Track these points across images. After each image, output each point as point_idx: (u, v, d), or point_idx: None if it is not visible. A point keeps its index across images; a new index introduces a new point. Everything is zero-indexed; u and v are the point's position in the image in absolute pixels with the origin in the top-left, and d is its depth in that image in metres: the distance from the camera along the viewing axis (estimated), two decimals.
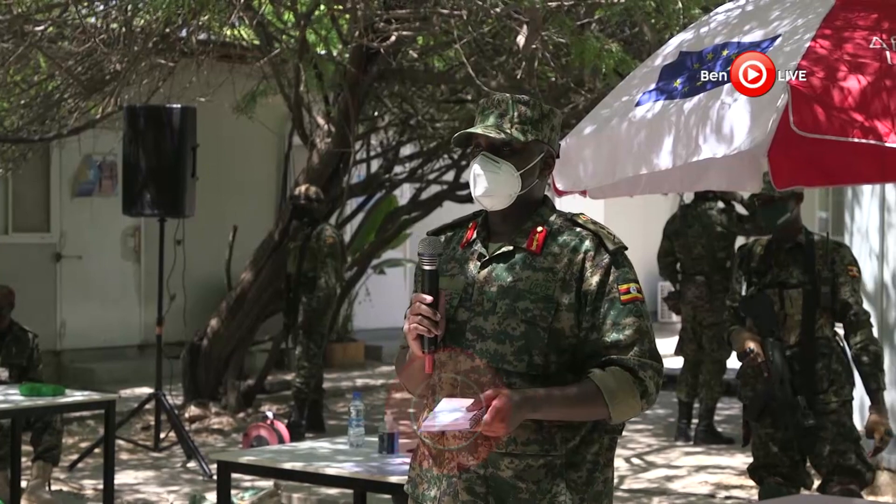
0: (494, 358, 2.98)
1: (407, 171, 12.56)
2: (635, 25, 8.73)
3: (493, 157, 3.03)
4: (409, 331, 2.98)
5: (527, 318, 2.97)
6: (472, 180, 3.04)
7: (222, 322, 10.52)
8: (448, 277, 3.08)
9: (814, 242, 5.72)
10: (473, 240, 3.11)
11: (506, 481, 2.98)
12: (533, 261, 3.02)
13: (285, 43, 10.08)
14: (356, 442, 5.45)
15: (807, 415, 5.59)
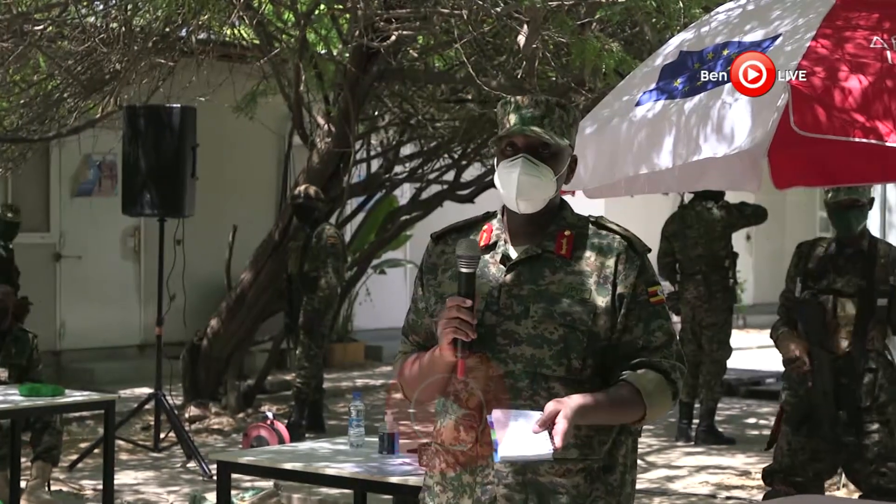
0: (531, 363, 2.95)
1: (407, 171, 12.55)
2: (636, 25, 8.72)
3: (535, 161, 2.98)
4: (445, 333, 2.89)
5: (566, 321, 2.95)
6: (511, 182, 2.97)
7: (222, 322, 10.51)
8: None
9: (877, 250, 5.61)
10: (494, 242, 3.05)
11: (545, 486, 2.95)
12: (564, 264, 3.00)
13: (285, 42, 10.07)
14: (356, 442, 5.44)
15: (847, 430, 5.49)
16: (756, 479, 7.55)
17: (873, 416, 5.49)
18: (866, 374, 5.48)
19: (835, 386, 5.48)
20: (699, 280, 9.41)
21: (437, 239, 3.14)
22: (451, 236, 3.12)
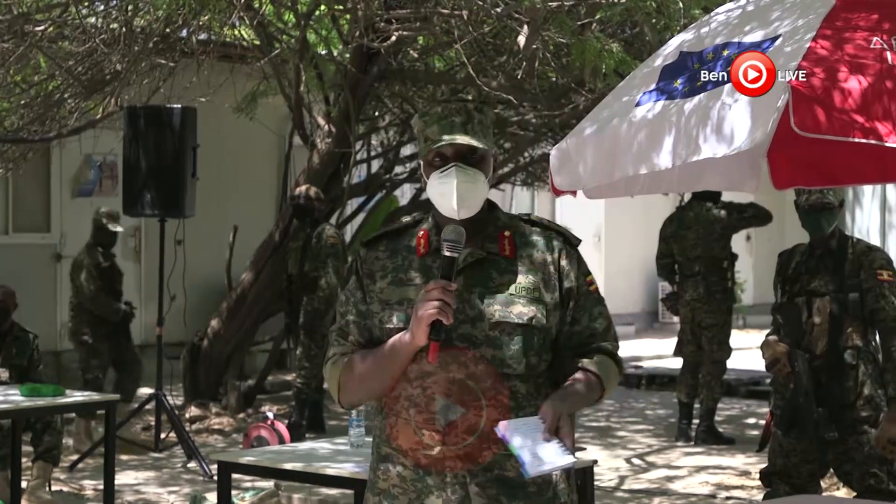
0: (492, 363, 2.99)
1: (407, 172, 12.55)
2: (636, 26, 8.73)
3: (468, 167, 3.04)
4: (427, 315, 2.91)
5: (523, 321, 3.01)
6: (448, 192, 3.03)
7: (223, 322, 10.52)
8: (414, 287, 3.05)
9: (846, 248, 5.64)
10: (434, 249, 3.07)
11: (513, 480, 2.99)
12: (509, 265, 3.06)
13: (286, 43, 10.08)
14: (356, 442, 5.45)
15: (829, 428, 5.51)
16: (756, 479, 7.55)
17: (861, 415, 5.49)
18: (848, 371, 5.50)
19: (816, 385, 5.51)
20: (698, 281, 9.42)
21: (370, 245, 3.16)
22: (383, 242, 3.15)
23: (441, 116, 3.09)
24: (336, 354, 3.13)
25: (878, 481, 5.51)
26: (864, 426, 5.52)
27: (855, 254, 5.58)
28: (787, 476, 5.66)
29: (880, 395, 5.56)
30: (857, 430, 5.52)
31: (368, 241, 3.17)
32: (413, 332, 2.96)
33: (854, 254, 5.58)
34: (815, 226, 5.64)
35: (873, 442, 5.48)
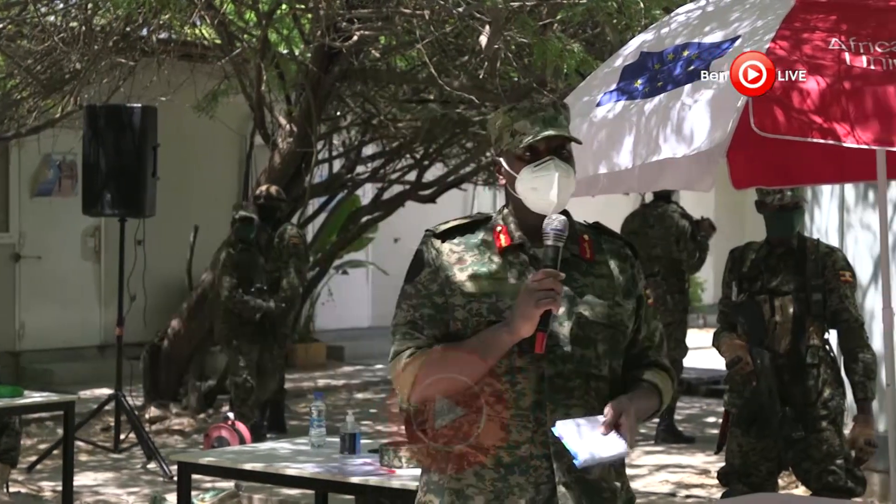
0: (581, 363, 2.98)
1: (369, 171, 12.54)
2: (597, 26, 8.75)
3: (562, 162, 3.02)
4: (540, 304, 2.85)
5: (611, 323, 3.02)
6: (548, 185, 2.99)
7: (183, 322, 10.47)
8: (497, 282, 3.00)
9: (806, 248, 5.67)
10: (516, 244, 3.04)
11: (591, 484, 2.98)
12: (589, 268, 3.05)
13: (247, 42, 10.04)
14: (317, 442, 5.44)
15: (794, 426, 5.55)
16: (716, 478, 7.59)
17: (820, 413, 5.54)
18: (809, 370, 5.54)
19: (778, 384, 5.55)
20: (658, 282, 9.44)
21: (444, 237, 3.07)
22: (456, 234, 3.08)
23: (532, 110, 3.04)
24: (411, 348, 3.01)
25: (836, 479, 5.55)
26: (823, 424, 5.56)
27: (818, 254, 5.62)
28: (745, 475, 5.69)
29: (840, 392, 5.61)
30: (817, 428, 5.56)
31: (441, 232, 3.08)
32: (518, 323, 2.89)
33: (817, 254, 5.62)
34: (786, 225, 5.66)
35: (849, 442, 5.52)
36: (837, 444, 5.56)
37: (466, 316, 2.98)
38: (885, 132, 3.74)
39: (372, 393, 12.42)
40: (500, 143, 3.09)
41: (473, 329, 2.97)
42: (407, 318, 3.04)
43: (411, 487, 4.72)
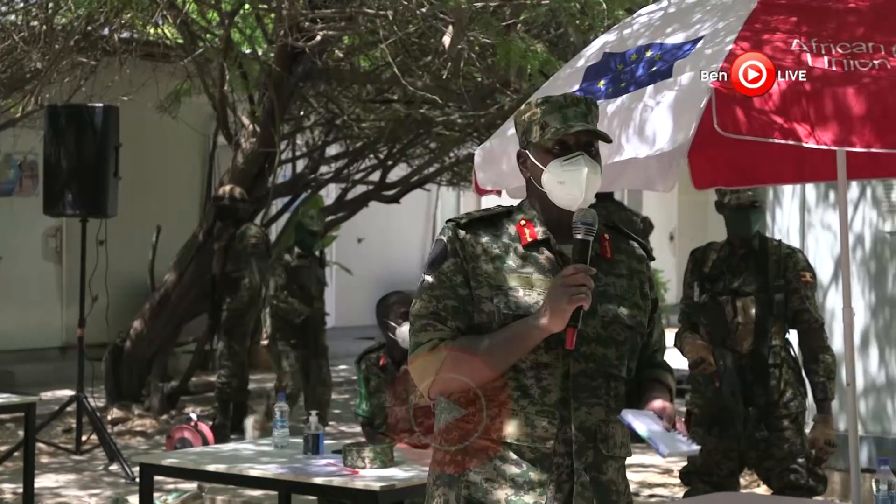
0: (603, 362, 2.96)
1: (333, 171, 12.52)
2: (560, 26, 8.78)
3: (593, 159, 2.99)
4: (573, 300, 2.83)
5: (632, 323, 3.00)
6: (578, 180, 2.95)
7: (145, 323, 10.42)
8: (523, 276, 2.96)
9: (768, 248, 5.71)
10: (542, 239, 3.00)
11: (604, 484, 2.97)
12: (608, 267, 3.02)
13: (209, 42, 10.01)
14: (280, 443, 5.43)
15: (757, 426, 5.58)
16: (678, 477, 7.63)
17: (781, 413, 5.58)
18: (771, 370, 5.58)
19: (741, 384, 5.58)
20: None
21: (468, 228, 3.01)
22: (478, 227, 3.01)
23: (563, 104, 3.00)
24: (434, 339, 2.94)
25: (797, 477, 5.59)
26: (785, 423, 5.60)
27: (779, 255, 5.65)
28: (707, 474, 5.72)
29: (802, 392, 5.65)
30: (779, 427, 5.60)
31: (465, 223, 3.01)
32: (550, 319, 2.85)
33: (778, 255, 5.65)
34: (743, 224, 5.69)
35: (810, 442, 5.56)
36: (799, 443, 5.60)
37: (493, 309, 2.93)
38: (845, 133, 3.77)
39: (335, 393, 12.38)
40: (528, 135, 3.04)
41: (500, 322, 2.92)
42: (429, 308, 2.96)
43: (374, 488, 4.72)
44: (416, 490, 4.88)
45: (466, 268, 2.97)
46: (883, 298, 7.63)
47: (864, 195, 7.65)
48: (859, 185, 7.57)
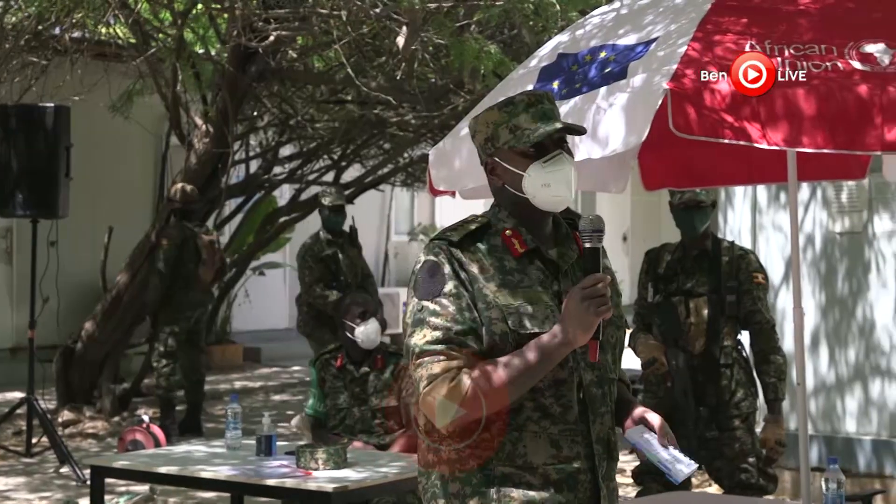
0: (605, 368, 2.88)
1: (286, 172, 12.49)
2: (514, 27, 8.80)
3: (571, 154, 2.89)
4: (599, 312, 2.71)
5: (619, 323, 2.94)
6: (559, 181, 2.84)
7: (97, 325, 10.34)
8: (527, 290, 2.82)
9: (720, 250, 5.73)
10: (532, 249, 2.86)
11: (614, 491, 2.96)
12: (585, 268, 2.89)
13: (162, 42, 9.95)
14: (233, 445, 5.41)
15: (709, 426, 5.61)
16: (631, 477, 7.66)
17: (732, 412, 5.62)
18: (723, 370, 5.62)
19: (693, 384, 5.62)
20: None
21: (461, 245, 2.84)
22: (469, 244, 2.85)
23: (529, 103, 2.88)
24: (452, 369, 2.73)
25: (748, 477, 5.63)
26: (736, 423, 5.64)
27: (732, 256, 5.69)
28: (659, 474, 5.74)
29: (753, 392, 5.69)
30: (730, 427, 5.64)
31: (456, 241, 2.84)
32: (575, 333, 2.71)
33: (731, 256, 5.69)
34: (688, 224, 5.73)
35: (760, 442, 5.61)
36: (749, 442, 5.65)
37: (506, 330, 2.77)
38: (796, 134, 3.80)
39: (289, 395, 12.36)
40: (494, 142, 2.90)
41: (515, 343, 2.76)
42: (439, 336, 2.76)
43: (328, 489, 4.71)
44: (369, 490, 4.88)
45: (471, 289, 2.79)
46: (833, 299, 7.70)
47: (815, 196, 7.72)
48: (810, 187, 7.63)
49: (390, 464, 5.26)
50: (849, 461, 7.40)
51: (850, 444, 7.46)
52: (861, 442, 7.48)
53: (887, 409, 7.42)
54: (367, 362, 6.18)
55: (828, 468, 4.01)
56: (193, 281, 9.65)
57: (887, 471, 7.36)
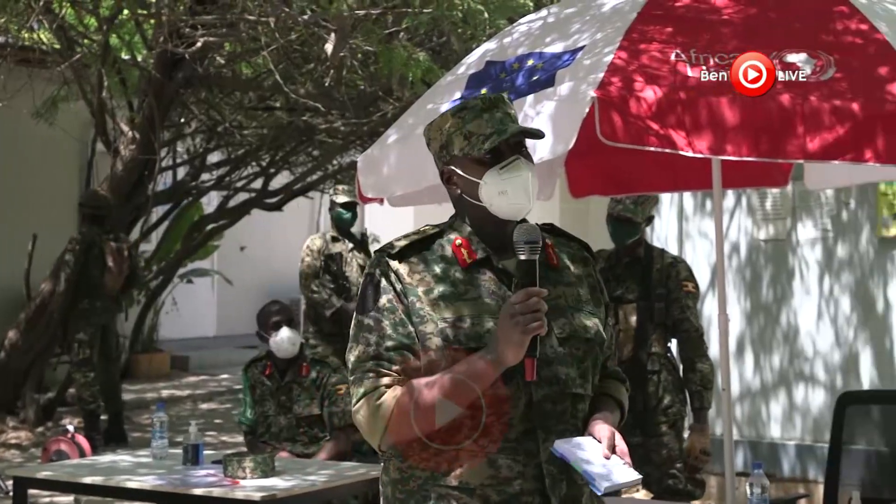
0: (566, 383, 2.71)
1: (214, 179, 12.41)
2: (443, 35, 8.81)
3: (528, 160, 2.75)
4: (532, 330, 2.57)
5: (589, 335, 2.76)
6: (520, 186, 2.71)
7: (21, 333, 10.21)
8: (469, 303, 2.68)
9: (652, 257, 5.77)
10: (482, 258, 2.74)
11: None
12: (558, 276, 2.78)
13: (87, 47, 9.85)
14: (159, 454, 5.36)
15: (632, 432, 5.64)
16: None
17: (660, 418, 5.67)
18: (650, 376, 5.66)
19: None
20: None
21: (398, 258, 2.74)
22: (412, 253, 2.74)
23: (483, 108, 2.76)
24: (379, 388, 2.65)
25: (675, 482, 5.68)
26: (663, 429, 5.68)
27: (663, 264, 5.74)
28: None
29: (681, 399, 5.74)
30: (657, 433, 5.68)
31: (397, 252, 2.73)
32: (504, 352, 2.58)
33: (662, 264, 5.74)
34: (618, 236, 5.78)
35: (685, 451, 5.65)
36: (677, 448, 5.69)
37: (442, 344, 2.66)
38: (720, 141, 3.84)
39: (217, 403, 12.28)
40: (449, 149, 2.79)
41: (451, 359, 2.64)
42: (370, 353, 2.67)
43: (255, 498, 4.68)
44: (298, 499, 4.86)
45: (405, 302, 2.69)
46: (758, 305, 7.79)
47: (740, 204, 7.80)
48: (735, 194, 7.72)
49: (318, 472, 5.24)
50: (773, 466, 7.49)
51: (775, 449, 7.55)
52: (785, 447, 7.57)
53: (811, 414, 7.52)
54: (292, 370, 6.16)
55: (753, 473, 4.05)
56: (100, 288, 9.55)
57: (811, 475, 7.45)
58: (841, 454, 5.20)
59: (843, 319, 7.49)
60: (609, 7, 4.49)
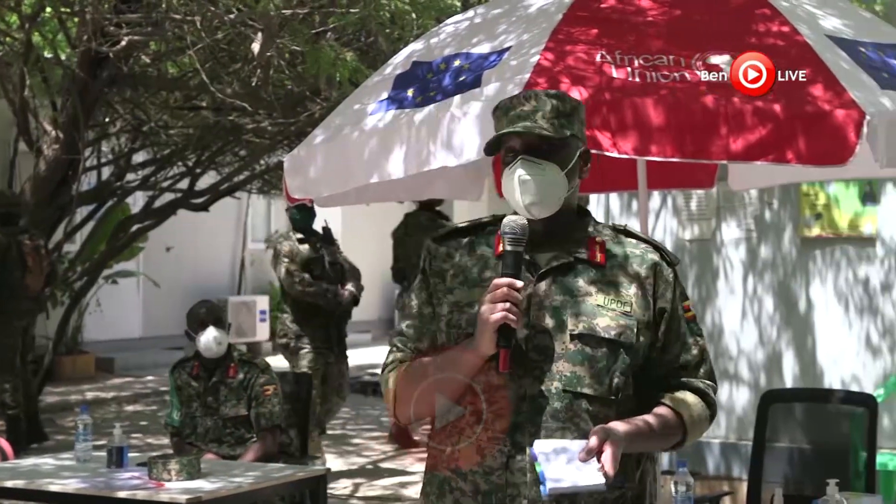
0: (570, 381, 2.68)
1: (140, 179, 12.29)
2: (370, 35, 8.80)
3: (535, 159, 2.74)
4: (492, 320, 2.59)
5: (609, 336, 2.71)
6: (513, 187, 2.74)
7: None
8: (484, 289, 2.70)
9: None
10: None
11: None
12: (599, 274, 2.76)
13: (9, 45, 9.71)
14: (83, 457, 5.30)
15: None
16: None
17: None
18: None
19: None
20: None
21: (441, 241, 2.86)
22: (455, 239, 2.85)
23: (508, 107, 2.79)
24: (395, 361, 2.82)
25: None
26: None
27: None
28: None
29: None
30: None
31: (440, 236, 2.85)
32: (478, 340, 2.64)
33: None
34: None
35: None
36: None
37: (447, 328, 2.76)
38: (645, 142, 3.87)
39: (143, 405, 12.17)
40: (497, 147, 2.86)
41: (455, 342, 2.73)
42: (398, 329, 2.86)
43: (180, 500, 4.65)
44: (224, 501, 4.83)
45: (431, 284, 2.81)
46: None
47: (666, 204, 7.87)
48: (660, 195, 7.78)
49: (245, 473, 5.21)
50: (698, 464, 7.56)
51: (700, 447, 7.62)
52: (710, 445, 7.65)
53: (735, 412, 7.60)
54: (220, 371, 6.12)
55: (677, 471, 4.08)
56: (20, 289, 9.43)
57: (735, 473, 7.53)
58: (764, 452, 5.27)
59: (766, 319, 7.58)
60: (535, 8, 4.51)
